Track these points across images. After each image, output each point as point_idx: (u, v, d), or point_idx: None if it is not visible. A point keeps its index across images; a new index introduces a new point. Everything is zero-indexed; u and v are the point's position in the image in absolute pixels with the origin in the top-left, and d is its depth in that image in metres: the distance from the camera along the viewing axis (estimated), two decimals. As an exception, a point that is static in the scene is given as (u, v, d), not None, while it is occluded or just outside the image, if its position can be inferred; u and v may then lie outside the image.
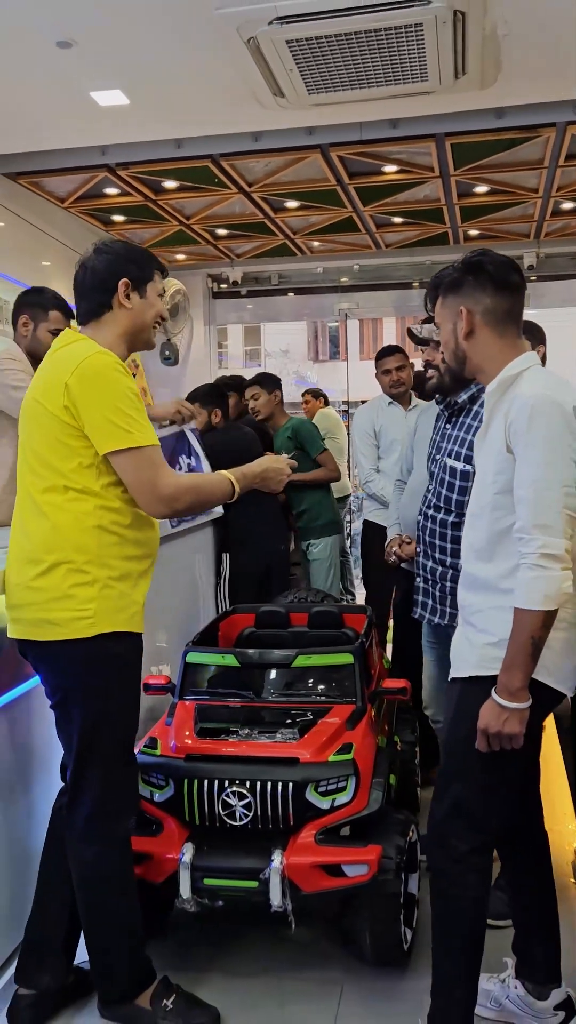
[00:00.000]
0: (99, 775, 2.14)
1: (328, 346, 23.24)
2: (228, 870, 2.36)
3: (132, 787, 2.27)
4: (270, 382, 4.73)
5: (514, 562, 1.96)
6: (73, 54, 3.82)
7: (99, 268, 2.19)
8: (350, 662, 2.80)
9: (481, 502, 2.06)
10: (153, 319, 2.25)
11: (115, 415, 2.04)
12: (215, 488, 2.25)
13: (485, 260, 2.09)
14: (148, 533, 2.21)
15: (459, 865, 2.04)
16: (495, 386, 2.04)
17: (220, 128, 4.86)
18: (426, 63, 3.95)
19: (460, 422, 2.82)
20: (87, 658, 2.09)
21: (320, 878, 2.33)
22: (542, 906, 2.24)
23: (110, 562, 2.10)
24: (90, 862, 2.15)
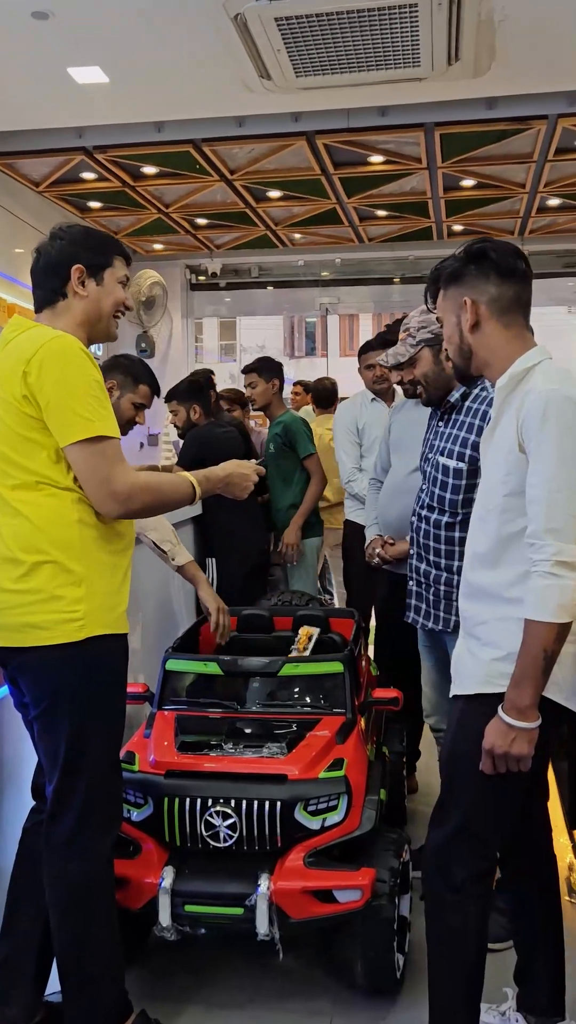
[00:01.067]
0: (84, 786, 1.99)
1: (304, 342, 23.10)
2: (211, 895, 2.21)
3: (117, 800, 2.12)
4: (268, 369, 4.54)
5: (522, 569, 1.82)
6: (50, 26, 3.64)
7: (52, 254, 2.06)
8: (340, 671, 2.65)
9: (488, 505, 1.91)
10: (112, 308, 2.10)
11: (77, 403, 1.89)
12: (175, 491, 2.10)
13: (488, 247, 1.96)
14: (126, 524, 2.08)
15: (458, 894, 1.91)
16: (505, 381, 1.90)
17: (203, 111, 4.69)
18: (419, 47, 3.82)
19: (454, 419, 2.69)
20: (77, 663, 1.94)
21: (310, 904, 2.18)
22: (548, 934, 2.12)
23: (96, 557, 1.97)
24: (70, 880, 1.99)
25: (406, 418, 3.32)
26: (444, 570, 2.68)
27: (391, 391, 4.29)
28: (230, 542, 4.01)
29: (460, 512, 2.61)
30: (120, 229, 6.87)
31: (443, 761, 2.04)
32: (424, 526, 2.72)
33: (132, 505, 1.96)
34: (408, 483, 3.06)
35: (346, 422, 4.29)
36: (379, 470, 3.50)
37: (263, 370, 4.53)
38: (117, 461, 1.94)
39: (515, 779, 1.87)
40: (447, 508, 2.65)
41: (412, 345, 2.76)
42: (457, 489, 2.62)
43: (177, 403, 4.20)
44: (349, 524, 4.30)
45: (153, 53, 3.94)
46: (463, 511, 2.60)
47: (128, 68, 4.09)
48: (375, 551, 3.28)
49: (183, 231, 6.85)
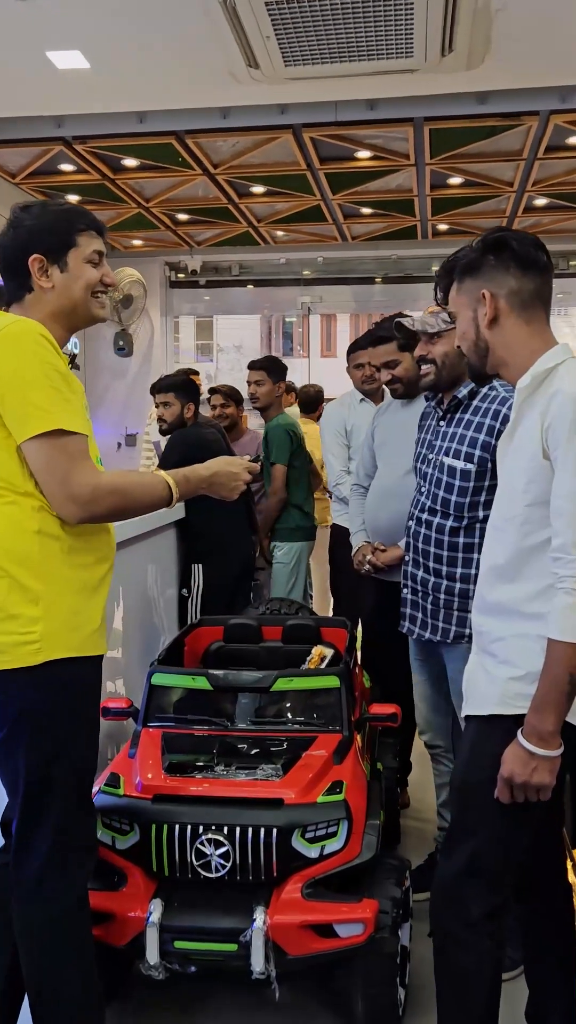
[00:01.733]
0: (51, 823, 1.81)
1: (282, 342, 22.96)
2: (203, 931, 2.05)
3: (89, 836, 1.93)
4: (277, 371, 4.40)
5: (544, 583, 1.69)
6: (28, 6, 3.47)
7: (7, 247, 1.86)
8: (336, 686, 2.52)
9: (507, 515, 1.78)
10: (86, 291, 1.87)
11: (33, 393, 1.70)
12: (147, 492, 1.89)
13: (508, 236, 1.83)
14: (101, 535, 1.88)
15: (472, 931, 1.78)
16: (528, 381, 1.77)
17: (187, 102, 4.54)
18: (412, 37, 3.70)
19: (459, 418, 2.56)
20: (34, 689, 1.75)
21: (309, 939, 2.04)
22: (565, 973, 1.99)
23: (58, 572, 1.77)
24: (41, 924, 1.83)
25: (391, 420, 3.19)
26: (445, 578, 2.54)
27: (380, 391, 4.15)
28: (216, 547, 3.84)
29: (466, 516, 2.48)
30: (98, 224, 6.69)
31: (454, 787, 1.91)
32: (424, 531, 2.58)
33: (95, 508, 1.76)
34: (399, 486, 2.93)
35: (334, 424, 4.15)
36: (362, 475, 3.36)
37: (272, 370, 4.40)
38: (79, 459, 1.74)
39: (533, 808, 1.74)
40: (452, 511, 2.51)
41: (445, 320, 2.56)
42: (464, 491, 2.48)
43: (174, 396, 3.99)
44: (336, 528, 4.17)
45: (137, 38, 3.78)
46: (469, 515, 2.47)
47: (111, 53, 3.93)
48: (365, 558, 3.15)
49: (163, 227, 6.68)
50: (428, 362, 2.60)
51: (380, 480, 3.15)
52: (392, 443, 3.09)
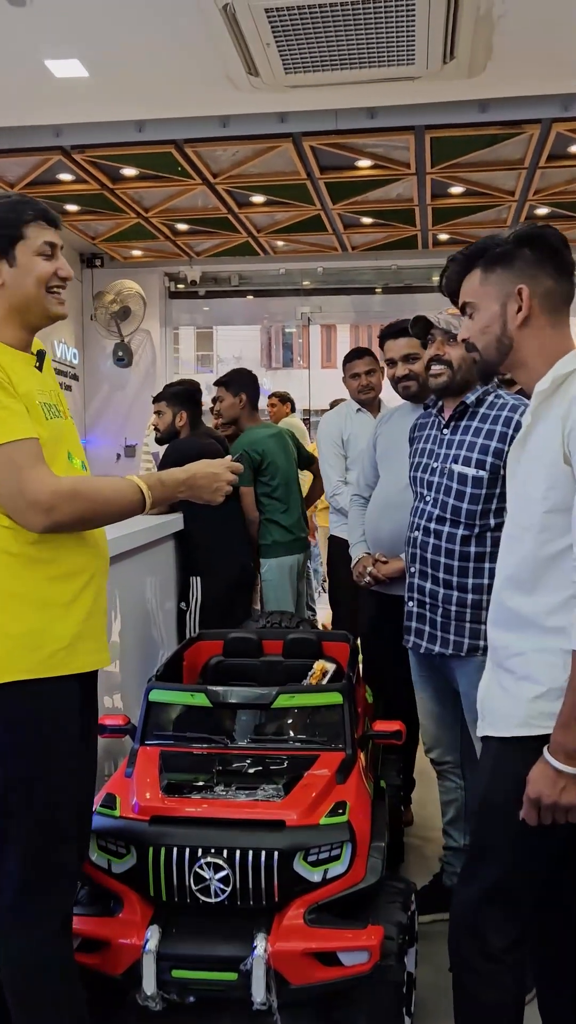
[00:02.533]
0: (20, 852, 1.72)
1: (282, 352, 22.94)
2: (202, 959, 1.98)
3: (67, 864, 1.83)
4: (236, 383, 4.31)
5: (566, 594, 1.62)
6: (27, 14, 3.44)
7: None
8: (339, 702, 2.45)
9: (524, 523, 1.71)
10: (38, 286, 1.77)
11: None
12: (116, 497, 1.78)
13: (548, 232, 1.73)
14: (70, 548, 1.77)
15: (493, 963, 1.70)
16: (547, 384, 1.69)
17: (186, 110, 4.51)
18: (414, 44, 3.67)
19: (465, 425, 2.50)
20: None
21: (312, 968, 1.97)
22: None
23: (13, 589, 1.69)
24: (17, 953, 1.74)
25: (394, 430, 3.13)
26: (456, 589, 2.47)
27: (377, 401, 4.10)
28: (213, 559, 3.78)
29: (478, 524, 2.42)
30: (98, 234, 6.66)
31: (473, 811, 1.83)
32: (434, 541, 2.51)
33: (58, 515, 1.66)
34: (402, 497, 2.87)
35: (331, 434, 4.09)
36: (363, 485, 3.29)
37: (231, 383, 4.31)
38: (31, 466, 1.65)
39: (557, 833, 1.67)
40: (463, 519, 2.45)
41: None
42: (476, 499, 2.42)
43: (166, 404, 3.95)
44: (334, 540, 4.09)
45: (136, 46, 3.75)
46: (481, 522, 2.41)
47: (109, 61, 3.90)
48: (366, 570, 3.09)
49: (163, 237, 6.65)
50: (443, 363, 2.54)
51: (383, 490, 3.09)
52: (396, 453, 3.03)
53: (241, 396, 4.28)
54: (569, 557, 1.61)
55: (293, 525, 4.24)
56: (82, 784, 1.90)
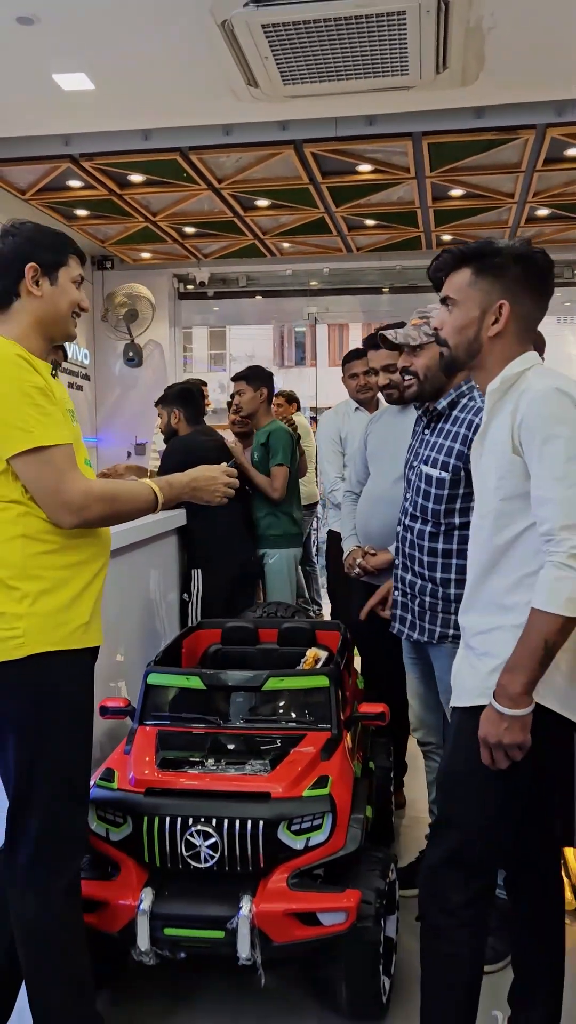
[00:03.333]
0: (40, 815, 1.90)
1: (294, 352, 23.08)
2: (191, 918, 2.14)
3: (80, 828, 2.02)
4: (256, 378, 4.49)
5: (519, 574, 1.78)
6: (35, 32, 3.60)
7: (5, 252, 1.97)
8: (325, 685, 2.60)
9: (483, 511, 1.86)
10: (69, 308, 2.01)
11: (12, 414, 1.82)
12: (134, 498, 2.00)
13: (538, 256, 1.86)
14: (89, 538, 1.98)
15: (453, 919, 1.85)
16: (497, 384, 1.84)
17: (190, 119, 4.65)
18: (407, 55, 3.79)
19: (439, 428, 2.64)
20: (19, 682, 1.86)
21: (293, 927, 2.12)
22: (549, 956, 2.05)
23: (42, 573, 1.88)
24: (31, 913, 1.91)
25: (383, 428, 3.28)
26: (428, 581, 2.63)
27: (375, 400, 4.24)
28: (214, 553, 3.95)
29: (443, 522, 2.56)
30: (108, 238, 6.82)
31: (438, 778, 1.98)
32: (410, 536, 2.67)
33: (88, 515, 1.88)
34: (390, 492, 3.01)
35: (329, 432, 4.25)
36: (354, 482, 3.44)
37: (251, 378, 4.49)
38: (66, 469, 1.86)
39: (515, 801, 1.81)
40: (429, 518, 2.60)
41: (427, 333, 2.63)
42: (440, 499, 2.56)
43: (162, 407, 4.19)
44: (332, 534, 4.25)
45: (140, 60, 3.90)
46: (446, 521, 2.55)
47: (114, 75, 4.05)
48: (355, 561, 3.23)
49: (171, 240, 6.80)
50: (410, 374, 2.69)
51: (371, 486, 3.23)
52: (384, 451, 3.18)
53: (262, 390, 4.46)
54: (521, 542, 1.75)
55: (300, 520, 4.44)
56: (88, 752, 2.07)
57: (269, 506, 4.32)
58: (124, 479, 3.65)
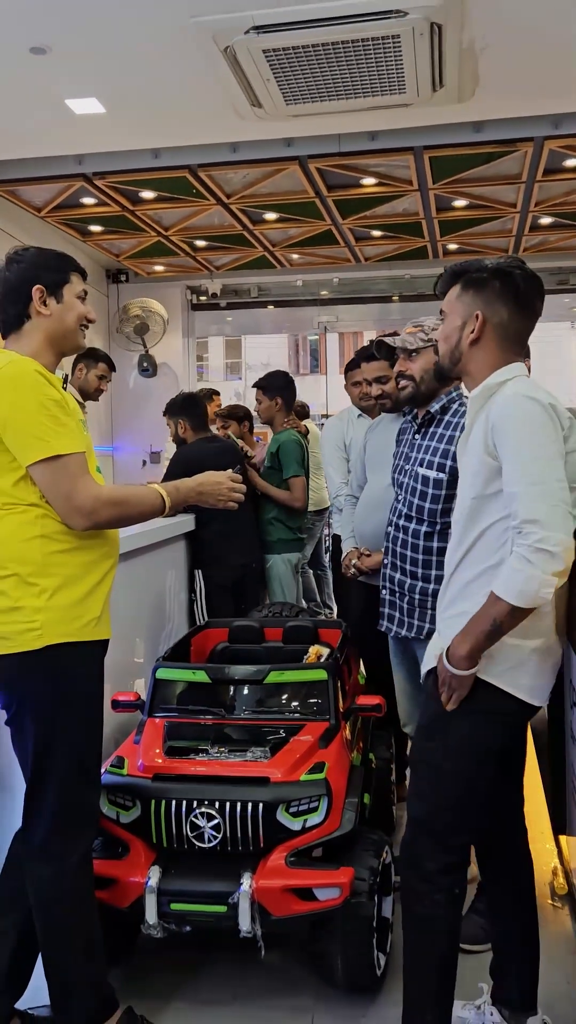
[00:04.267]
0: (54, 792, 2.06)
1: (309, 359, 23.27)
2: (196, 894, 2.28)
3: (92, 805, 2.18)
4: (272, 387, 4.66)
5: (484, 566, 1.94)
6: (48, 61, 3.78)
7: (11, 279, 2.14)
8: (324, 678, 2.74)
9: (460, 507, 2.02)
10: (76, 322, 2.17)
11: (31, 425, 1.98)
12: (142, 502, 2.16)
13: (517, 272, 2.01)
14: (100, 538, 2.13)
15: (428, 884, 1.99)
16: (479, 392, 1.99)
17: (198, 138, 4.82)
18: (403, 75, 3.94)
19: (431, 432, 2.79)
20: (37, 671, 2.01)
21: (290, 902, 2.26)
22: (523, 930, 2.18)
23: (59, 571, 2.03)
24: (45, 882, 2.07)
25: (380, 435, 3.42)
26: (420, 579, 2.76)
27: (376, 407, 4.38)
28: (215, 554, 4.11)
29: (439, 522, 2.69)
30: (121, 252, 7.01)
31: (411, 759, 2.13)
32: (402, 536, 2.81)
33: (97, 518, 2.03)
34: (384, 497, 3.14)
35: (333, 438, 4.37)
36: (355, 486, 3.59)
37: (267, 388, 4.66)
38: (78, 476, 2.01)
39: (476, 784, 1.96)
40: (425, 517, 2.73)
41: (423, 340, 2.78)
42: (436, 499, 2.70)
43: (168, 417, 4.38)
44: (336, 538, 4.39)
45: (148, 84, 4.07)
46: (441, 520, 2.69)
47: (124, 99, 4.22)
48: (351, 562, 3.38)
49: (183, 253, 6.98)
50: (407, 378, 2.83)
51: (368, 491, 3.38)
52: (381, 457, 3.32)
53: (277, 399, 4.62)
54: (486, 537, 1.91)
55: (298, 527, 4.59)
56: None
57: (269, 512, 4.49)
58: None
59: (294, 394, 4.77)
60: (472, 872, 2.62)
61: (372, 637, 3.07)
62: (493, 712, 1.95)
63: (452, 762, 1.97)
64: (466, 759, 1.97)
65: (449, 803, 1.98)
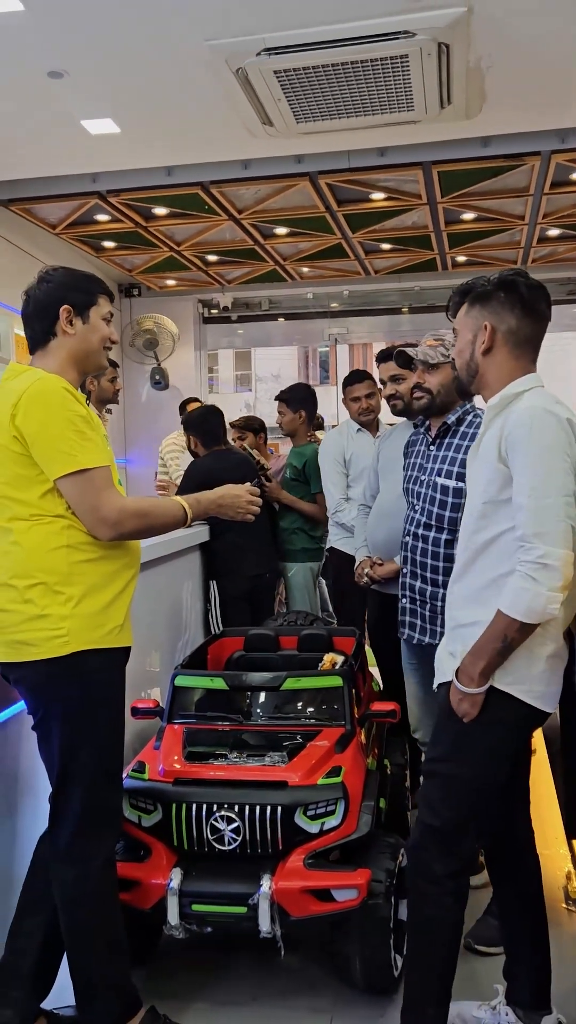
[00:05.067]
0: (80, 795, 2.11)
1: (319, 371, 23.38)
2: (216, 895, 2.34)
3: (115, 808, 2.24)
4: (295, 400, 4.72)
5: (493, 574, 1.98)
6: (65, 84, 3.88)
7: (41, 297, 2.21)
8: (339, 685, 2.79)
9: (470, 512, 2.08)
10: (100, 343, 2.25)
11: (60, 440, 2.05)
12: (165, 513, 2.23)
13: (520, 281, 2.08)
14: (123, 549, 2.19)
15: (436, 887, 2.04)
16: (496, 400, 2.05)
17: (210, 156, 4.92)
18: (412, 93, 4.02)
19: (448, 442, 2.85)
20: (63, 677, 2.08)
21: (309, 903, 2.31)
22: (533, 931, 2.23)
23: (84, 579, 2.10)
24: (70, 883, 2.12)
25: (393, 446, 3.49)
26: (441, 586, 2.81)
27: (375, 422, 4.44)
28: (228, 566, 4.18)
29: (458, 529, 2.75)
30: (134, 267, 7.11)
31: (424, 766, 2.18)
32: (420, 544, 2.86)
33: (122, 529, 2.10)
34: (395, 507, 3.20)
35: (333, 452, 4.40)
36: (368, 496, 3.64)
37: (290, 400, 4.72)
38: (104, 489, 2.08)
39: (490, 790, 2.01)
40: (445, 525, 2.79)
41: (443, 355, 2.85)
42: (456, 507, 2.76)
43: (184, 431, 4.50)
44: (333, 551, 4.42)
45: (162, 105, 4.17)
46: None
47: (139, 119, 4.32)
48: (364, 571, 3.43)
49: (195, 267, 7.08)
50: (423, 390, 2.90)
51: (380, 500, 3.44)
52: (393, 467, 3.38)
53: (300, 412, 4.68)
54: (498, 543, 1.96)
55: (318, 536, 4.66)
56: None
57: (293, 522, 4.55)
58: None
59: (316, 406, 4.84)
60: (485, 877, 2.68)
61: (387, 645, 3.13)
62: (507, 720, 2.00)
63: (466, 771, 2.02)
64: (480, 768, 2.02)
65: (462, 810, 2.03)
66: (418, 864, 2.06)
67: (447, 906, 2.03)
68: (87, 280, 2.26)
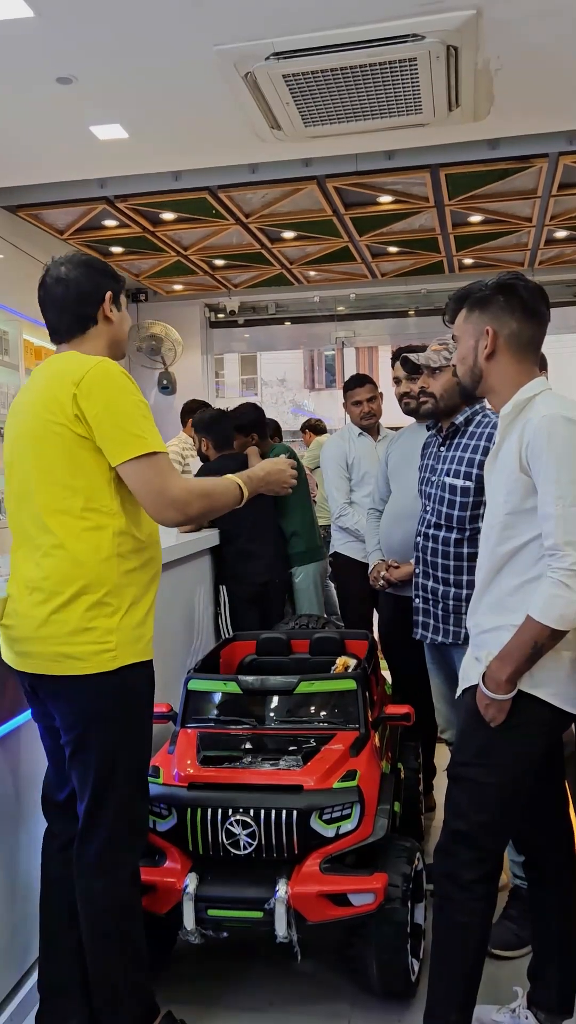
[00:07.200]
0: (114, 807, 2.08)
1: (324, 374, 23.39)
2: (232, 900, 2.33)
3: (144, 819, 2.23)
4: (246, 426, 4.52)
5: (520, 580, 1.98)
6: (73, 90, 3.89)
7: (83, 282, 2.16)
8: (353, 688, 2.78)
9: (491, 523, 2.07)
10: (128, 331, 2.28)
11: (128, 422, 2.00)
12: (226, 492, 2.20)
13: (519, 284, 2.08)
14: (153, 556, 2.16)
15: (465, 892, 2.02)
16: (509, 408, 2.05)
17: (218, 160, 4.93)
18: (420, 96, 4.03)
19: (457, 443, 2.85)
20: (110, 692, 2.03)
21: (325, 907, 2.30)
22: (563, 933, 2.21)
23: (129, 591, 2.05)
24: (99, 895, 2.09)
25: (403, 448, 3.49)
26: (453, 585, 2.81)
27: (377, 426, 4.44)
28: (236, 570, 4.18)
29: (468, 528, 2.75)
30: (142, 272, 7.13)
31: (449, 770, 2.17)
32: (432, 544, 2.86)
33: (190, 510, 2.05)
34: (410, 508, 3.19)
35: (335, 456, 4.38)
36: (377, 499, 3.64)
37: (242, 428, 4.48)
38: (170, 472, 2.04)
39: (518, 795, 2.00)
40: (455, 525, 2.79)
41: (447, 359, 2.85)
42: (465, 506, 2.76)
43: (195, 432, 4.49)
44: (338, 556, 4.41)
45: (170, 110, 4.18)
46: (471, 527, 2.75)
47: (147, 124, 4.33)
48: (380, 574, 3.43)
49: (202, 272, 7.09)
50: (428, 395, 2.91)
51: (394, 502, 3.44)
52: (405, 468, 3.38)
53: (252, 435, 4.57)
54: (524, 552, 1.95)
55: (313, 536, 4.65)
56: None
57: (292, 525, 4.54)
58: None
59: (265, 425, 4.72)
60: (503, 880, 2.66)
61: (403, 649, 3.12)
62: (534, 724, 1.99)
63: (494, 775, 2.01)
64: (509, 772, 2.01)
65: (492, 816, 2.02)
66: (448, 871, 2.05)
67: (476, 911, 2.02)
68: (113, 269, 2.26)
